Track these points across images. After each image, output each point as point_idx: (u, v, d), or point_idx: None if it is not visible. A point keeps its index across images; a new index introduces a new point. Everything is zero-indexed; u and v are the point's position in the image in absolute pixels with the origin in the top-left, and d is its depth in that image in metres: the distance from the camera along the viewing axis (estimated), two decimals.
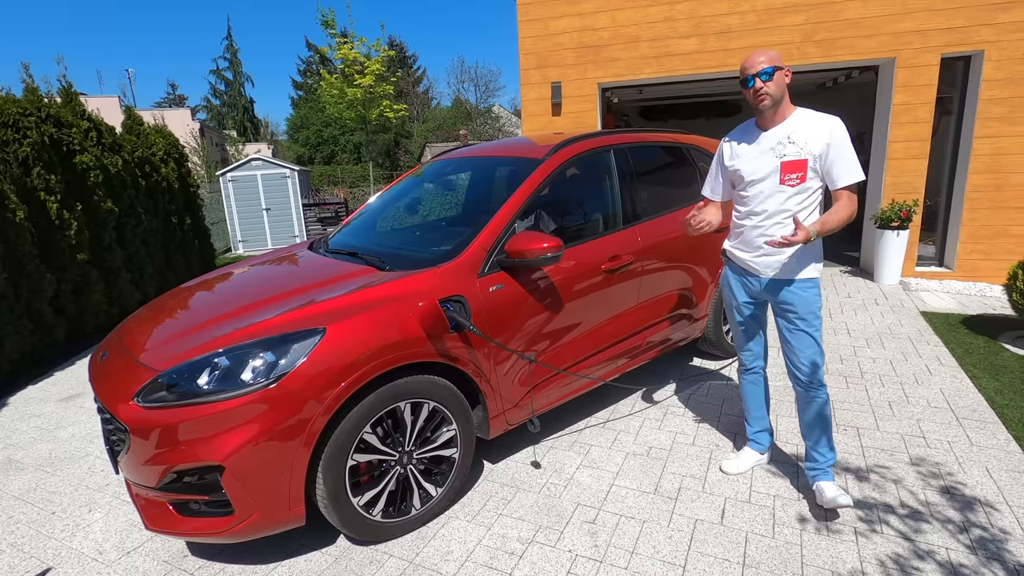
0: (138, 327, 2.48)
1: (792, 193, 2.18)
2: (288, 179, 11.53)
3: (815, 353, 2.29)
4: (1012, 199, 5.67)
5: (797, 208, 2.19)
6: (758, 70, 2.11)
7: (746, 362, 2.60)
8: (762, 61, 2.11)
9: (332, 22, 11.90)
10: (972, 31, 5.46)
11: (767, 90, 2.12)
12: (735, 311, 2.52)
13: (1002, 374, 3.51)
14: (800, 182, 2.17)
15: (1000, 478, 2.49)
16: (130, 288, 5.99)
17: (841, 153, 2.12)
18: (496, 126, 29.20)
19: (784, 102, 2.19)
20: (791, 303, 2.27)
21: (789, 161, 2.16)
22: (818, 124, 2.15)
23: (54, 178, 4.97)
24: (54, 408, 3.83)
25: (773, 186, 2.21)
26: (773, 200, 2.22)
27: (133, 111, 7.34)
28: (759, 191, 2.24)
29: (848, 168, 2.12)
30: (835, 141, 2.12)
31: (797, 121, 2.18)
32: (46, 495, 2.77)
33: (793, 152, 2.16)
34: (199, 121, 27.15)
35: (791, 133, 2.17)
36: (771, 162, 2.20)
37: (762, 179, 2.23)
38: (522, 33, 6.66)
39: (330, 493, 2.04)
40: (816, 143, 2.13)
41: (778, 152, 2.18)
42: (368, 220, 3.46)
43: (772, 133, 2.21)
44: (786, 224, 2.20)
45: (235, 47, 40.99)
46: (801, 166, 2.15)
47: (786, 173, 2.17)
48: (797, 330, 2.29)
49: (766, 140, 2.22)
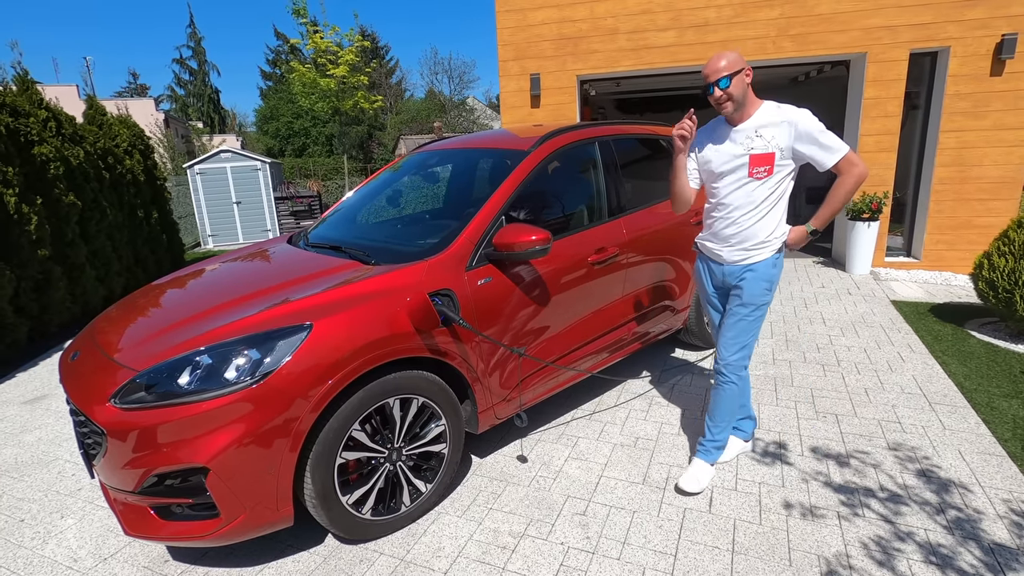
0: (112, 325, 2.37)
1: (758, 185, 2.24)
2: (259, 172, 11.24)
3: (744, 342, 2.39)
4: (975, 191, 5.88)
5: (765, 200, 2.26)
6: (717, 79, 2.15)
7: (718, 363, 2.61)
8: (720, 69, 2.14)
9: (303, 10, 11.61)
10: (939, 27, 5.62)
11: (727, 96, 2.18)
12: (707, 303, 2.58)
13: (970, 360, 3.65)
14: (768, 175, 2.22)
15: (972, 460, 2.58)
16: (95, 285, 5.76)
17: (815, 138, 2.16)
18: (471, 118, 28.97)
19: (748, 99, 2.23)
20: (740, 287, 2.36)
21: (757, 154, 2.21)
22: (783, 117, 2.20)
23: (11, 170, 4.73)
24: (18, 411, 3.67)
25: (742, 179, 2.26)
26: (741, 192, 2.27)
27: (95, 100, 7.04)
28: (728, 183, 2.30)
29: (829, 147, 2.16)
30: (803, 130, 2.16)
31: (764, 115, 2.23)
32: (13, 502, 2.65)
33: (760, 145, 2.21)
34: (163, 112, 26.22)
35: (758, 127, 2.22)
36: (740, 156, 2.25)
37: (731, 172, 2.28)
38: (500, 24, 6.60)
39: (319, 492, 1.99)
40: (782, 136, 2.19)
41: (746, 146, 2.23)
42: (350, 213, 3.39)
43: (740, 128, 2.26)
44: (755, 215, 2.27)
45: (199, 35, 39.74)
46: (769, 159, 2.20)
47: (754, 166, 2.23)
48: (734, 313, 2.38)
49: (735, 135, 2.27)
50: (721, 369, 2.44)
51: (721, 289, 2.50)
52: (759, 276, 2.33)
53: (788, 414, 3.08)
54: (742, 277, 2.35)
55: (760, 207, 2.26)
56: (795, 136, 2.17)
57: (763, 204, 2.26)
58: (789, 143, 2.18)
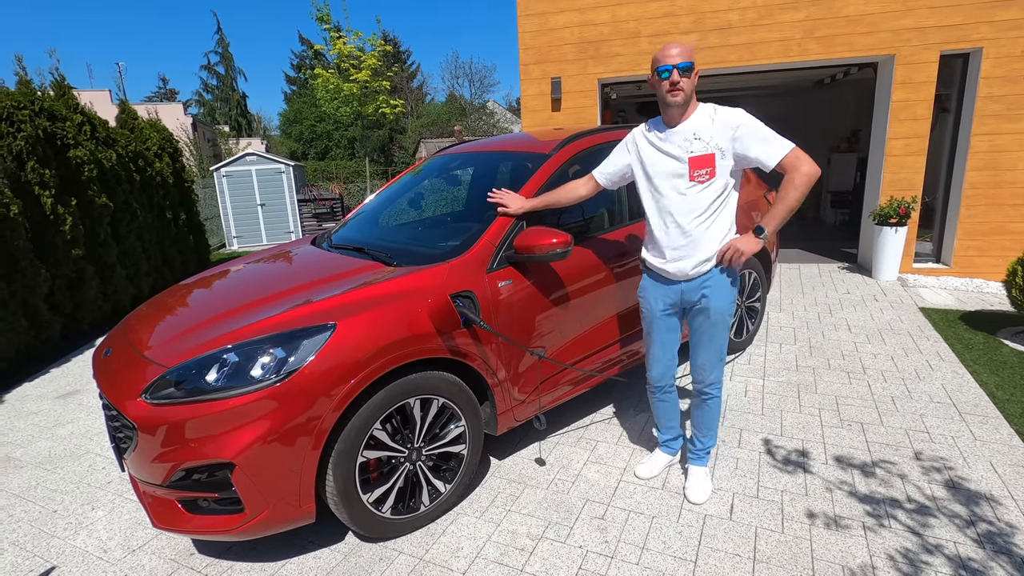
0: (143, 323, 2.44)
1: (702, 188, 2.14)
2: (283, 174, 11.44)
3: (722, 355, 2.34)
4: (1009, 196, 5.71)
5: (710, 205, 2.15)
6: (677, 62, 2.03)
7: (656, 381, 2.47)
8: (678, 54, 2.04)
9: (327, 16, 11.80)
10: (971, 28, 5.49)
11: (683, 84, 2.06)
12: (653, 323, 2.38)
13: (1002, 369, 3.54)
14: (710, 177, 2.12)
15: (1004, 472, 2.51)
16: (125, 284, 5.93)
17: (755, 134, 2.08)
18: (491, 122, 29.11)
19: (692, 99, 2.15)
20: (704, 305, 2.24)
21: (697, 156, 2.11)
22: (721, 117, 2.12)
23: (48, 172, 4.90)
24: (52, 405, 3.79)
25: (684, 183, 2.14)
26: (685, 198, 2.15)
27: (127, 105, 7.25)
28: (669, 190, 2.18)
29: (771, 144, 2.07)
30: (743, 129, 2.08)
31: (702, 116, 2.14)
32: (47, 493, 2.74)
33: (700, 148, 2.11)
34: (191, 116, 26.86)
35: (696, 129, 2.13)
36: (680, 158, 2.14)
37: (672, 177, 2.17)
38: (522, 28, 6.62)
39: (340, 490, 2.02)
40: (721, 136, 2.10)
41: (686, 148, 2.13)
42: (372, 215, 3.43)
43: (678, 130, 2.16)
44: (702, 222, 2.15)
45: (226, 40, 40.57)
46: (709, 160, 2.10)
47: (695, 168, 2.12)
48: (703, 332, 2.29)
49: (674, 137, 2.16)
50: (705, 389, 2.39)
51: (675, 307, 2.33)
52: (721, 288, 2.22)
53: (812, 422, 3.02)
54: (702, 294, 2.23)
55: (706, 213, 2.15)
56: (733, 136, 2.08)
57: (709, 209, 2.15)
58: (728, 143, 2.09)
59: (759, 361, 3.87)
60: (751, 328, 4.04)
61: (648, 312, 2.40)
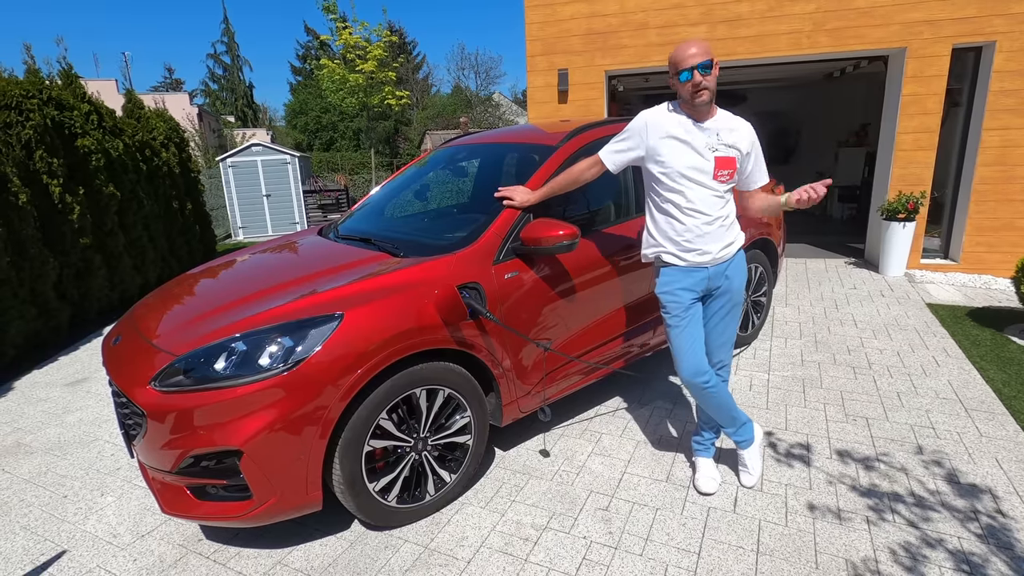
0: (152, 312, 2.46)
1: (724, 190, 2.19)
2: (288, 165, 11.45)
3: (733, 337, 2.41)
4: (1019, 192, 5.66)
5: (721, 205, 2.21)
6: (697, 62, 2.01)
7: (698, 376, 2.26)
8: (697, 53, 2.01)
9: (333, 6, 11.73)
10: (984, 21, 5.42)
11: (707, 84, 2.04)
12: (683, 316, 2.26)
13: (1009, 366, 3.53)
14: (729, 179, 2.18)
15: (1010, 468, 2.50)
16: (132, 273, 5.96)
17: (760, 155, 2.26)
18: (496, 114, 28.94)
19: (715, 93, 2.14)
20: (727, 286, 2.29)
21: (722, 157, 2.14)
22: (743, 124, 2.21)
23: (56, 161, 4.92)
24: (60, 392, 3.82)
25: (708, 181, 2.14)
26: (707, 197, 2.16)
27: (134, 94, 7.26)
28: (695, 186, 2.14)
29: (763, 168, 2.29)
30: (756, 146, 2.24)
31: (725, 118, 2.18)
32: (57, 479, 2.77)
33: (724, 149, 2.14)
34: (197, 106, 26.85)
35: (720, 130, 2.15)
36: (706, 156, 2.13)
37: (696, 172, 2.13)
38: (529, 19, 6.58)
39: (347, 479, 2.04)
40: (743, 142, 2.18)
41: (712, 146, 2.13)
42: (378, 206, 3.44)
43: (706, 126, 2.14)
44: (724, 208, 2.21)
45: (232, 30, 40.46)
46: (732, 163, 2.16)
47: (719, 168, 2.14)
48: (725, 313, 2.33)
49: (702, 134, 2.13)
50: (717, 372, 2.39)
51: (700, 294, 2.28)
52: (741, 268, 2.32)
53: (816, 416, 3.02)
54: (726, 275, 2.27)
55: (724, 204, 2.22)
56: (751, 144, 2.19)
57: (724, 197, 2.22)
58: (748, 149, 2.18)
59: (764, 355, 3.86)
60: (756, 322, 4.03)
61: (676, 305, 2.26)
